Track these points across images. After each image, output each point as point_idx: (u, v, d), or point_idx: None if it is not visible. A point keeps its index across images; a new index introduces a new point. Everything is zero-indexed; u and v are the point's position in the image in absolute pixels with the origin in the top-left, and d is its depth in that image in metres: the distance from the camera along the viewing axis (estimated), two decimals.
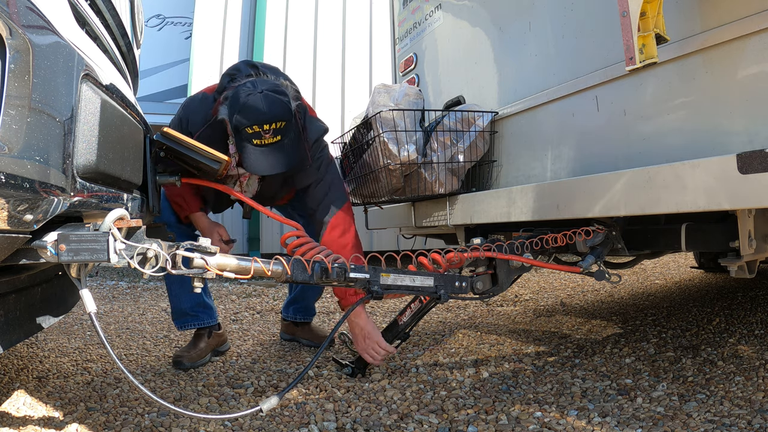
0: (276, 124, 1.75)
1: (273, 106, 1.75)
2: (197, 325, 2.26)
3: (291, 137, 1.83)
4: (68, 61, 0.96)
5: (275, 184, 2.14)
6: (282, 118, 1.76)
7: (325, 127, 2.09)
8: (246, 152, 1.80)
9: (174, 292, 2.24)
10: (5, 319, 1.14)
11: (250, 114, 1.74)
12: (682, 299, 3.19)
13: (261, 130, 1.74)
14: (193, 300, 2.24)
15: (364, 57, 5.81)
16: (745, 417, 1.45)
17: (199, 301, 2.26)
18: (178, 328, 2.29)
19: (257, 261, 1.34)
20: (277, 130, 1.76)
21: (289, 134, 1.81)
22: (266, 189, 2.15)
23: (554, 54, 1.99)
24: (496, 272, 1.77)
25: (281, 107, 1.76)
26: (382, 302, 3.58)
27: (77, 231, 1.07)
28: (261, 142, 1.77)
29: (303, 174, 2.02)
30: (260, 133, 1.75)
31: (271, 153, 1.79)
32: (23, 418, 1.62)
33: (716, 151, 1.39)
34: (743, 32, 1.32)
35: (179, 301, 2.24)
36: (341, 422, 1.58)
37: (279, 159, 1.81)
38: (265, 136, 1.76)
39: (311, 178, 2.03)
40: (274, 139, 1.77)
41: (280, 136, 1.78)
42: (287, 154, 1.82)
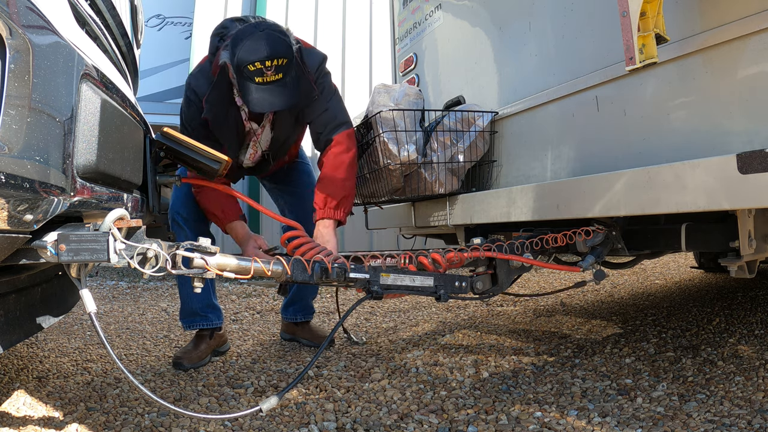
0: (278, 61, 1.77)
1: (275, 43, 1.77)
2: (205, 325, 2.26)
3: (293, 75, 1.85)
4: (68, 61, 0.96)
5: (287, 125, 2.12)
6: (284, 55, 1.78)
7: (322, 55, 2.10)
8: (248, 91, 1.82)
9: (185, 291, 2.25)
10: (5, 319, 1.14)
11: (252, 51, 1.76)
12: (682, 299, 3.19)
13: (263, 67, 1.76)
14: (203, 301, 2.25)
15: (364, 57, 5.81)
16: (745, 417, 1.45)
17: (209, 302, 2.27)
18: (185, 327, 2.29)
19: (257, 261, 1.34)
20: (279, 68, 1.78)
21: (290, 72, 1.83)
22: (279, 134, 2.13)
23: (554, 54, 1.99)
24: (496, 272, 1.77)
25: (282, 45, 1.79)
26: (382, 302, 3.59)
27: (77, 231, 1.07)
28: (263, 80, 1.79)
29: (311, 107, 2.04)
30: (262, 71, 1.77)
31: (273, 90, 1.81)
32: (23, 418, 1.62)
33: (716, 151, 1.39)
34: (743, 32, 1.32)
35: (190, 301, 2.25)
36: (341, 422, 1.58)
37: (281, 96, 1.83)
38: (267, 73, 1.77)
39: (320, 108, 2.05)
40: (276, 77, 1.79)
41: (282, 74, 1.80)
42: (289, 92, 1.84)
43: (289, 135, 2.17)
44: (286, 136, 2.16)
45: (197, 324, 2.26)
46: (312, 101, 2.03)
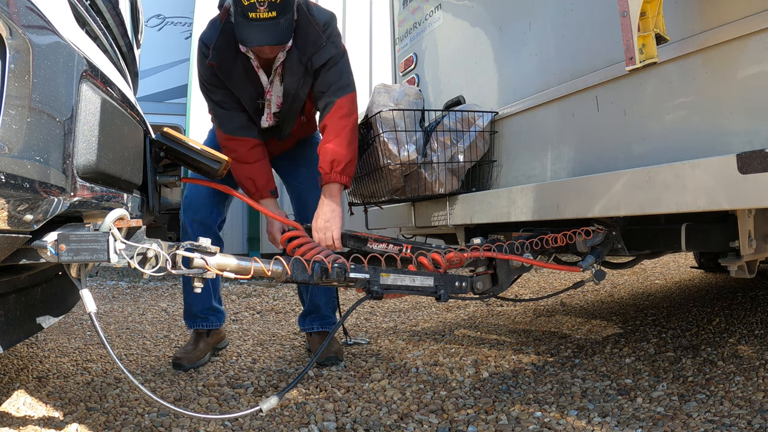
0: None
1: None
2: (205, 326, 2.31)
3: (288, 17, 1.85)
4: (68, 61, 0.96)
5: (295, 75, 2.08)
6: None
7: (330, 12, 2.11)
8: (241, 26, 1.84)
9: (187, 293, 2.30)
10: (5, 319, 1.14)
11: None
12: (682, 299, 3.19)
13: (256, 1, 1.77)
14: (203, 304, 2.29)
15: (364, 57, 5.81)
16: (745, 417, 1.45)
17: (209, 305, 2.31)
18: (187, 326, 2.35)
19: (257, 261, 1.34)
20: (272, 4, 1.79)
21: (285, 13, 1.84)
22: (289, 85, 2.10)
23: (554, 54, 1.99)
24: (496, 272, 1.77)
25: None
26: (382, 302, 3.59)
27: (77, 231, 1.07)
28: (256, 15, 1.80)
29: (319, 53, 2.03)
30: (255, 5, 1.78)
31: (265, 27, 1.82)
32: (23, 418, 1.62)
33: (716, 151, 1.39)
34: (743, 32, 1.32)
35: (191, 304, 2.30)
36: (341, 422, 1.58)
37: (270, 33, 1.83)
38: (260, 9, 1.78)
39: (328, 54, 2.04)
40: (269, 14, 1.80)
41: (276, 12, 1.80)
42: (281, 31, 1.85)
43: (299, 87, 2.11)
44: (296, 87, 2.09)
45: (198, 324, 2.30)
46: (320, 49, 2.03)
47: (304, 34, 2.02)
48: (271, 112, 2.15)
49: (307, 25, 2.00)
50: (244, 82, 2.07)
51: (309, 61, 2.04)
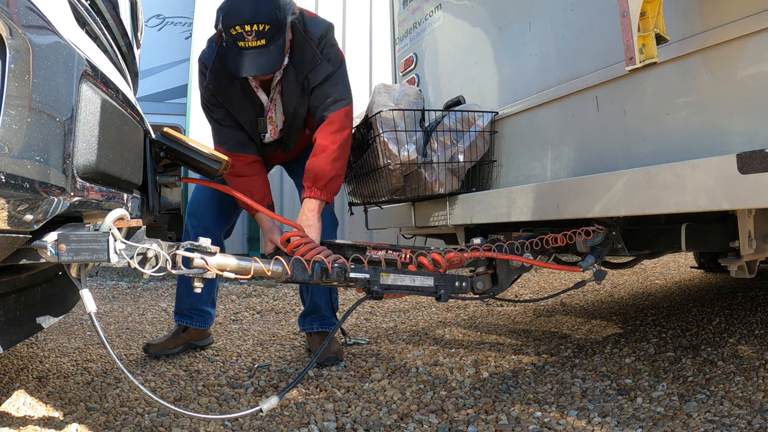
0: (259, 26, 1.76)
1: (257, 7, 1.77)
2: (187, 323, 2.38)
3: (278, 44, 1.84)
4: (68, 61, 0.96)
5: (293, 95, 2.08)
6: (264, 21, 1.77)
7: (327, 23, 2.09)
8: (231, 55, 1.83)
9: (179, 291, 2.39)
10: (5, 319, 1.14)
11: (234, 14, 1.78)
12: (682, 299, 3.19)
13: (243, 31, 1.77)
14: (191, 303, 2.37)
15: (364, 57, 5.81)
16: (745, 417, 1.45)
17: (196, 306, 2.38)
18: (176, 321, 2.43)
19: (257, 261, 1.34)
20: (261, 33, 1.78)
21: (275, 40, 1.82)
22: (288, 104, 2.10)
23: (554, 54, 1.99)
24: (496, 272, 1.77)
25: (265, 10, 1.78)
26: (382, 302, 3.59)
27: (77, 231, 1.07)
28: (245, 44, 1.79)
29: (315, 71, 2.03)
30: (242, 35, 1.77)
31: (254, 56, 1.81)
32: (23, 418, 1.62)
33: (716, 151, 1.39)
34: (743, 32, 1.32)
35: (180, 301, 2.39)
36: (341, 422, 1.58)
37: (262, 62, 1.83)
38: (247, 38, 1.78)
39: (324, 72, 2.03)
40: (258, 43, 1.79)
41: (265, 41, 1.79)
42: (271, 59, 1.84)
43: (298, 105, 2.12)
44: (294, 106, 2.11)
45: (182, 321, 2.39)
46: (315, 67, 2.02)
47: (300, 52, 2.01)
48: (276, 128, 2.17)
49: (303, 42, 1.99)
50: (243, 104, 2.07)
51: (306, 80, 2.04)
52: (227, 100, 2.06)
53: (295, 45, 2.00)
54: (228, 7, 1.80)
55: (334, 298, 2.36)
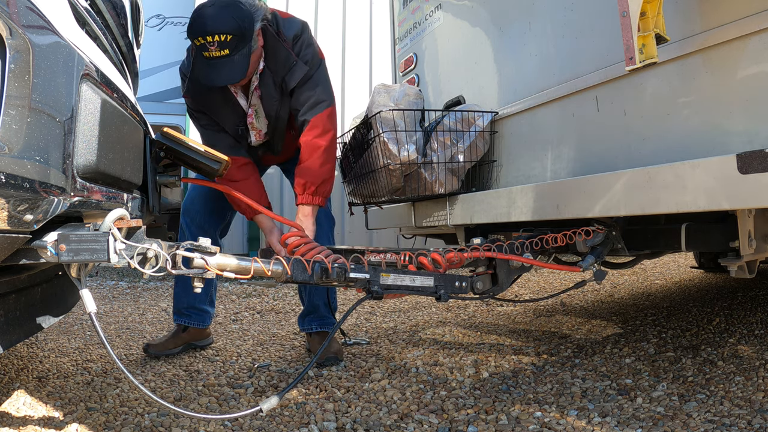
0: (220, 37, 1.76)
1: (217, 19, 1.77)
2: (186, 323, 2.39)
3: (243, 52, 1.83)
4: (68, 61, 0.96)
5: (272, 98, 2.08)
6: (227, 30, 1.77)
7: (301, 23, 2.08)
8: (197, 64, 1.86)
9: (176, 291, 2.41)
10: (5, 319, 1.14)
11: (196, 26, 1.79)
12: (682, 299, 3.19)
13: (206, 42, 1.78)
14: (188, 302, 2.38)
15: (364, 57, 5.81)
16: (745, 417, 1.45)
17: (193, 305, 2.38)
18: (174, 321, 2.44)
19: (257, 261, 1.34)
20: (223, 44, 1.78)
21: (240, 49, 1.82)
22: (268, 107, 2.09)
23: (554, 54, 1.99)
24: (496, 272, 1.77)
25: (226, 20, 1.78)
26: (382, 302, 3.59)
27: (77, 231, 1.07)
28: (209, 55, 1.80)
29: (291, 73, 2.02)
30: (206, 45, 1.78)
31: (217, 66, 1.82)
32: (23, 418, 1.62)
33: (716, 151, 1.39)
34: (743, 32, 1.32)
35: (177, 300, 2.40)
36: (341, 422, 1.58)
37: (226, 72, 1.83)
38: (211, 48, 1.78)
39: (300, 73, 2.02)
40: (222, 53, 1.79)
41: (228, 50, 1.79)
42: (235, 69, 1.84)
43: (279, 109, 2.11)
44: (275, 110, 2.10)
45: (180, 320, 2.40)
46: (291, 69, 2.01)
47: (274, 55, 2.00)
48: (261, 132, 2.17)
49: (276, 45, 1.98)
50: (223, 110, 2.07)
51: (283, 82, 2.03)
52: (206, 107, 2.07)
53: (268, 49, 2.00)
54: (192, 18, 1.81)
55: (332, 298, 2.36)
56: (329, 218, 2.28)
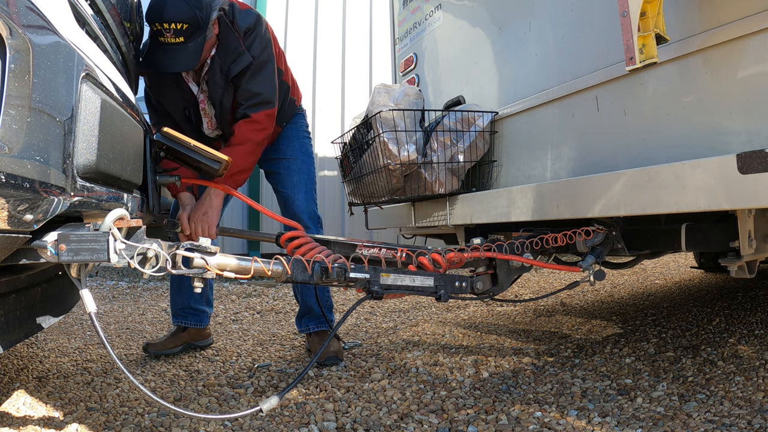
0: (176, 25, 1.80)
1: (174, 7, 1.80)
2: (183, 323, 2.41)
3: (197, 41, 1.86)
4: (68, 61, 0.96)
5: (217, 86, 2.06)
6: (181, 19, 1.80)
7: (256, 15, 2.10)
8: (152, 47, 1.88)
9: (172, 292, 2.44)
10: (5, 319, 1.14)
11: (153, 12, 1.82)
12: (682, 299, 3.19)
13: (162, 28, 1.81)
14: (184, 303, 2.41)
15: (364, 57, 5.81)
16: (745, 417, 1.45)
17: (189, 305, 2.41)
18: (173, 322, 2.46)
19: (257, 261, 1.34)
20: (178, 31, 1.82)
21: (195, 37, 1.85)
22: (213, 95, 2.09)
23: (554, 54, 1.99)
24: (496, 272, 1.77)
25: (183, 10, 1.81)
26: (382, 302, 3.59)
27: (77, 231, 1.07)
28: (164, 40, 1.84)
29: (236, 62, 2.03)
30: (162, 31, 1.82)
31: (170, 52, 1.85)
32: (23, 418, 1.62)
33: (716, 151, 1.39)
34: (743, 32, 1.32)
35: (173, 302, 2.44)
36: (341, 422, 1.58)
37: (179, 59, 1.86)
38: (167, 35, 1.82)
39: (245, 62, 2.03)
40: (176, 40, 1.83)
41: (183, 38, 1.83)
42: (188, 56, 1.87)
43: (223, 97, 2.08)
44: (219, 97, 2.08)
45: (178, 321, 2.42)
46: (237, 58, 2.02)
47: (225, 44, 2.02)
48: (212, 120, 2.17)
49: (228, 34, 2.00)
50: (172, 92, 2.08)
51: (228, 70, 2.04)
52: (156, 86, 2.09)
53: (221, 37, 2.02)
54: (149, 5, 1.84)
55: (322, 296, 2.35)
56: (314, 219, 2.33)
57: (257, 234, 2.35)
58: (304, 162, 2.37)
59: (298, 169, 2.35)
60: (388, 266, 1.72)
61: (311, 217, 2.30)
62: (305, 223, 2.26)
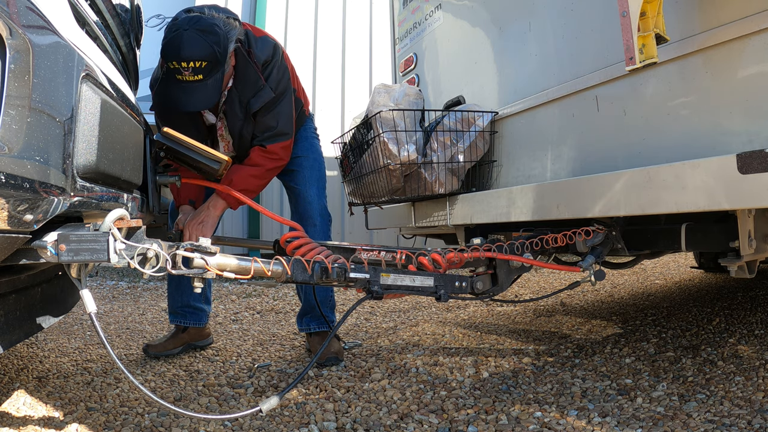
0: (194, 63, 1.75)
1: (193, 45, 1.75)
2: (182, 322, 2.40)
3: (216, 77, 1.82)
4: (68, 61, 0.96)
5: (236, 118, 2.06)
6: (200, 57, 1.75)
7: (273, 45, 2.07)
8: (170, 87, 1.84)
9: (170, 290, 2.42)
10: (5, 319, 1.14)
11: (171, 50, 1.76)
12: (682, 299, 3.19)
13: (180, 67, 1.76)
14: (182, 301, 2.39)
15: (364, 57, 5.81)
16: (745, 417, 1.45)
17: (187, 303, 2.39)
18: (171, 321, 2.45)
19: (257, 261, 1.34)
20: (197, 69, 1.77)
21: (213, 74, 1.81)
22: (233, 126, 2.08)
23: (554, 54, 1.99)
24: (496, 272, 1.77)
25: (201, 47, 1.76)
26: (382, 302, 3.59)
27: (77, 231, 1.07)
28: (182, 78, 1.78)
29: (257, 97, 2.01)
30: (180, 70, 1.77)
31: (189, 90, 1.80)
32: (23, 418, 1.62)
33: (716, 151, 1.39)
34: (743, 32, 1.32)
35: (172, 300, 2.42)
36: (341, 422, 1.58)
37: (198, 97, 1.82)
38: (185, 73, 1.77)
39: (266, 97, 2.01)
40: (195, 77, 1.78)
41: (202, 76, 1.78)
42: (208, 94, 1.83)
43: (243, 128, 2.08)
44: (239, 128, 2.08)
45: (177, 320, 2.41)
46: (257, 92, 2.00)
47: (243, 76, 2.00)
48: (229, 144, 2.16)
49: (246, 66, 1.98)
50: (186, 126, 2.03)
51: (248, 104, 2.02)
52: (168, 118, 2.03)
53: (238, 69, 1.99)
54: (167, 39, 1.79)
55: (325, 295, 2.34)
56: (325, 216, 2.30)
57: (255, 242, 2.36)
58: (315, 160, 2.36)
59: (309, 167, 2.33)
60: (388, 267, 1.72)
61: (322, 213, 2.28)
62: (314, 220, 2.24)
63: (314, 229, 2.21)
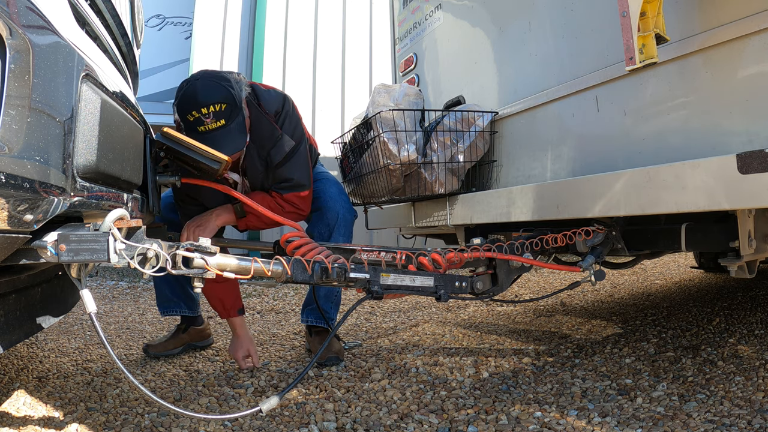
0: (214, 107, 1.72)
1: (208, 90, 1.73)
2: (179, 311, 2.37)
3: (238, 120, 1.79)
4: (68, 61, 0.96)
5: (257, 168, 2.04)
6: (218, 100, 1.73)
7: (281, 95, 2.05)
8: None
9: (156, 281, 2.37)
10: (5, 319, 1.14)
11: (188, 101, 1.74)
12: (682, 299, 3.19)
13: (201, 115, 1.73)
14: (171, 290, 2.35)
15: (364, 57, 5.81)
16: (745, 417, 1.45)
17: (183, 290, 2.36)
18: (162, 313, 2.40)
19: (257, 261, 1.34)
20: (218, 114, 1.74)
21: (235, 117, 1.78)
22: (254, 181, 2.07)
23: (554, 54, 1.99)
24: (496, 272, 1.77)
25: (217, 90, 1.74)
26: (382, 302, 3.59)
27: (77, 231, 1.07)
28: (205, 128, 1.74)
29: (276, 147, 1.99)
30: (201, 119, 1.73)
31: (217, 138, 1.75)
32: (23, 418, 1.62)
33: (716, 151, 1.39)
34: (743, 32, 1.32)
35: (161, 288, 2.37)
36: (341, 422, 1.58)
37: (227, 143, 1.76)
38: (206, 121, 1.73)
39: (287, 147, 2.00)
40: (218, 124, 1.74)
41: (224, 120, 1.75)
42: (235, 138, 1.79)
43: (263, 180, 2.06)
44: (260, 181, 2.06)
45: (173, 309, 2.38)
46: (276, 143, 1.98)
47: (258, 128, 1.97)
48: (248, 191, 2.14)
49: (259, 118, 1.95)
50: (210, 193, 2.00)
51: (268, 156, 2.00)
52: (196, 192, 2.01)
53: (252, 121, 1.96)
54: (181, 96, 1.77)
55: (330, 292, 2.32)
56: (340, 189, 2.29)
57: (255, 244, 2.35)
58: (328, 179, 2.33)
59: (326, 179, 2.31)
60: (388, 267, 1.72)
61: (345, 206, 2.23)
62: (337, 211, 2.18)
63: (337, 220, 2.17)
